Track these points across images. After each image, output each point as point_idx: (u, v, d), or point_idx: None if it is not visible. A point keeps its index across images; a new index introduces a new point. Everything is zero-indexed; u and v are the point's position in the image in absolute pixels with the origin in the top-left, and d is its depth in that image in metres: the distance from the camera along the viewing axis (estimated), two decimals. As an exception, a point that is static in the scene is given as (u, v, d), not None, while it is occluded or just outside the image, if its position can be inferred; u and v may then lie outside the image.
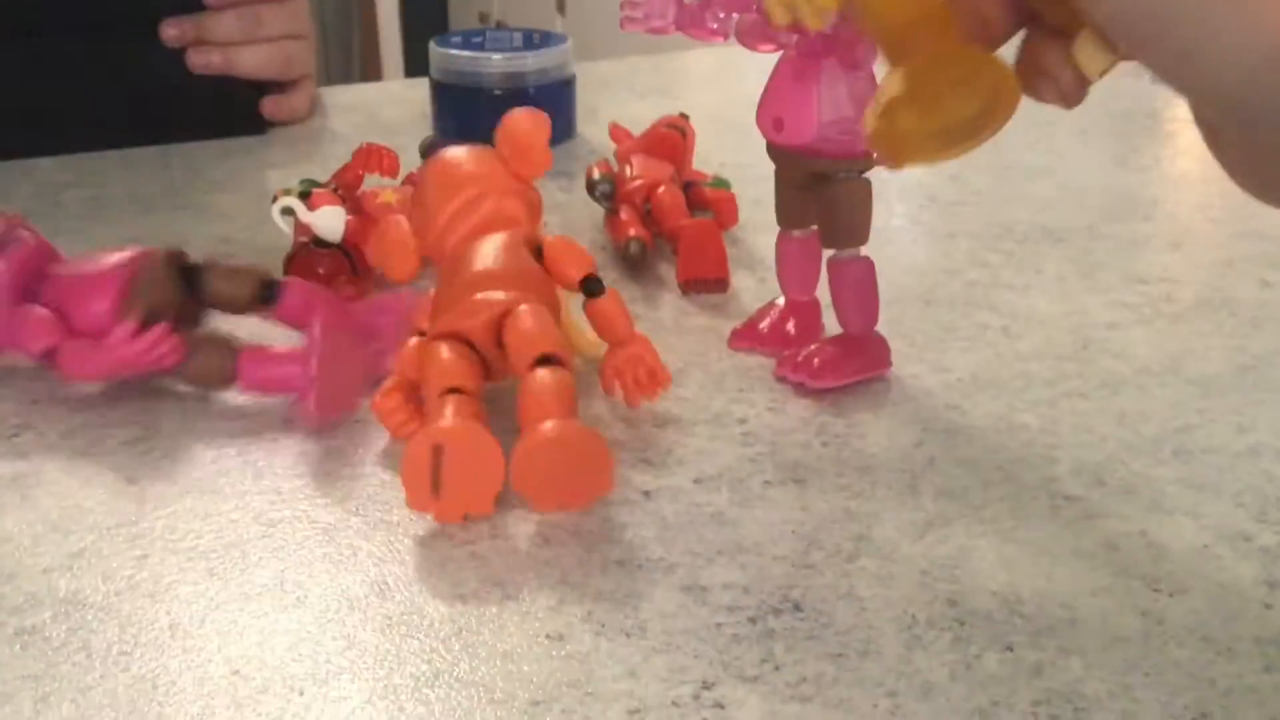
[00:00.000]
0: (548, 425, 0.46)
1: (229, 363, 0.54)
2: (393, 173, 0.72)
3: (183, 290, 0.56)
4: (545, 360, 0.49)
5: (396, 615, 0.41)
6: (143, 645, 0.40)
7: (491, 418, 0.48)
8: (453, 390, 0.48)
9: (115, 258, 0.55)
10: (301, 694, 0.38)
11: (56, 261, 0.58)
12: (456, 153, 0.57)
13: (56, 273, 0.56)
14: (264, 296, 0.56)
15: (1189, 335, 0.61)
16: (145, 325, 0.54)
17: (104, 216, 0.80)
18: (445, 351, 0.50)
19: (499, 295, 0.51)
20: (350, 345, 0.54)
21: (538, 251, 0.54)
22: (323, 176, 0.73)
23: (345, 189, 0.70)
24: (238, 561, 0.44)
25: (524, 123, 0.57)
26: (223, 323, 0.58)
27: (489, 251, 0.53)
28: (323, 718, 0.37)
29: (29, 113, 0.91)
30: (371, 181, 0.72)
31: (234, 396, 0.55)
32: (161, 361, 0.53)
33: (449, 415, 0.46)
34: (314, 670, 0.39)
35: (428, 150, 0.70)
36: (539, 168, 0.57)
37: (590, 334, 0.55)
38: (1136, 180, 0.84)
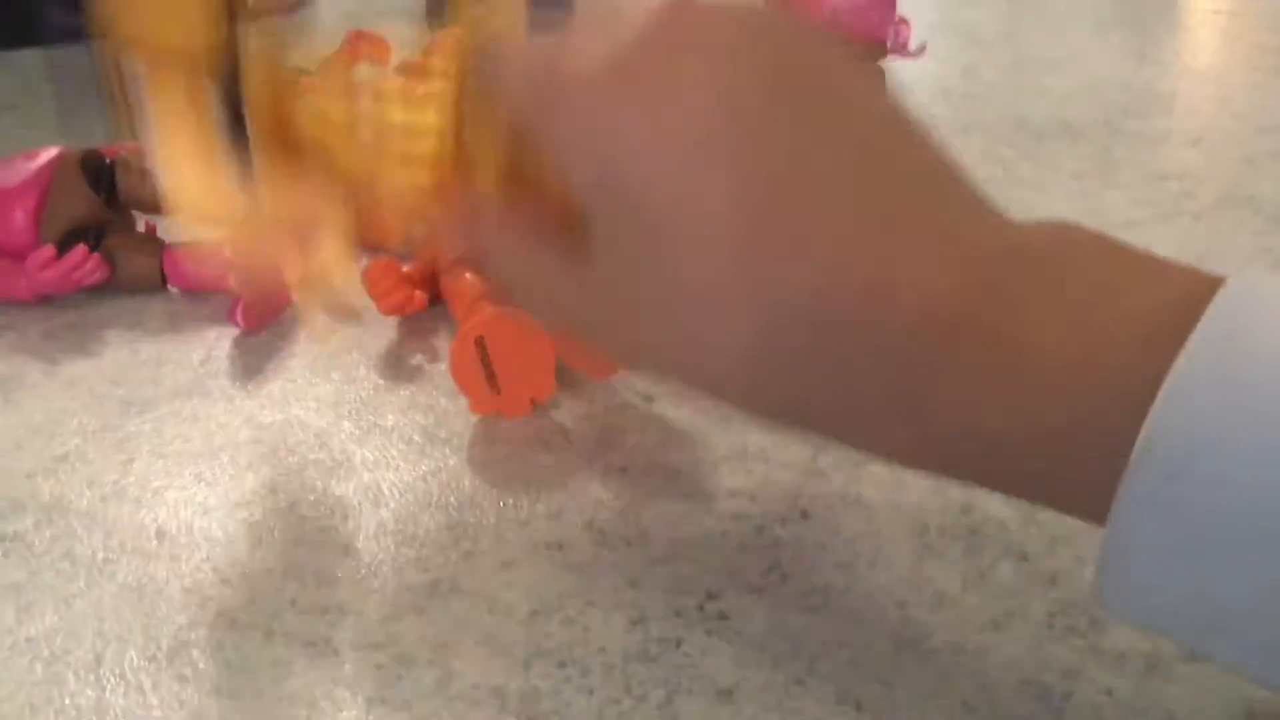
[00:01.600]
0: None
1: (155, 265, 0.53)
2: (385, 61, 0.69)
3: (102, 196, 0.54)
4: None
5: (391, 524, 0.40)
6: (128, 553, 0.39)
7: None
8: (474, 302, 0.47)
9: (29, 167, 0.53)
10: (294, 604, 0.37)
11: None
12: None
13: None
14: None
15: (1212, 234, 0.59)
16: (67, 241, 0.52)
17: (84, 111, 0.77)
18: (461, 274, 0.49)
19: None
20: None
21: None
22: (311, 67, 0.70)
23: (335, 80, 0.67)
24: (227, 466, 0.43)
25: None
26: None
27: None
28: (317, 627, 0.36)
29: (11, 4, 0.88)
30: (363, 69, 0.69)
31: (224, 298, 0.53)
32: (84, 281, 0.52)
33: (482, 310, 0.45)
34: (306, 579, 0.38)
35: None
36: None
37: None
38: (1155, 74, 0.82)
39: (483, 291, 0.48)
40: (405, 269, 0.50)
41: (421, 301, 0.50)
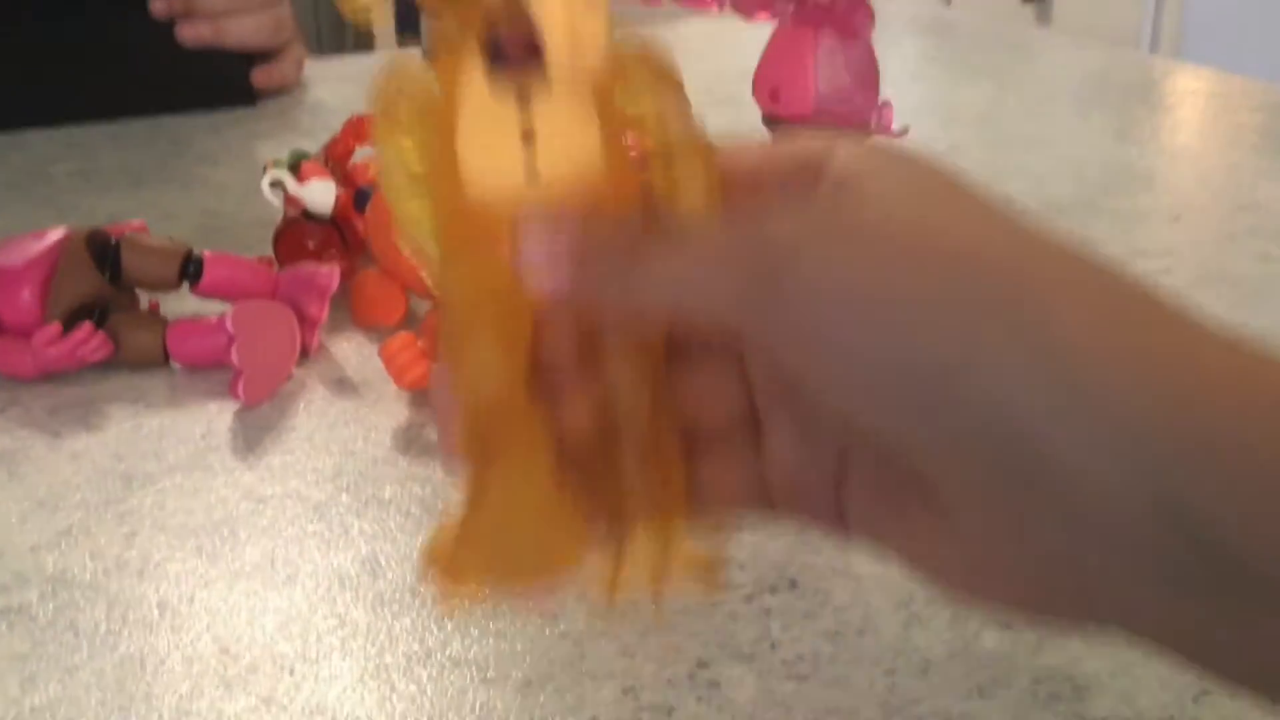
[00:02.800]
0: None
1: (158, 341, 0.55)
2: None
3: (106, 274, 0.55)
4: None
5: (388, 593, 0.41)
6: (131, 624, 0.40)
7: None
8: None
9: (37, 246, 0.55)
10: (292, 673, 0.37)
11: None
12: None
13: None
14: (188, 273, 0.56)
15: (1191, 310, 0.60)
16: (72, 318, 0.54)
17: (93, 190, 0.79)
18: None
19: None
20: (275, 321, 0.54)
21: None
22: (313, 149, 0.72)
23: (335, 161, 0.69)
24: (227, 539, 0.44)
25: None
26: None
27: None
28: (313, 697, 0.36)
29: (18, 85, 0.90)
30: (363, 154, 0.71)
31: (224, 373, 0.54)
32: (88, 358, 0.54)
33: None
34: (304, 649, 0.38)
35: None
36: None
37: None
38: (1135, 153, 0.84)
39: None
40: (420, 344, 0.51)
41: None
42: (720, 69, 1.04)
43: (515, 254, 0.27)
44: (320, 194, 0.62)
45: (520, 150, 0.28)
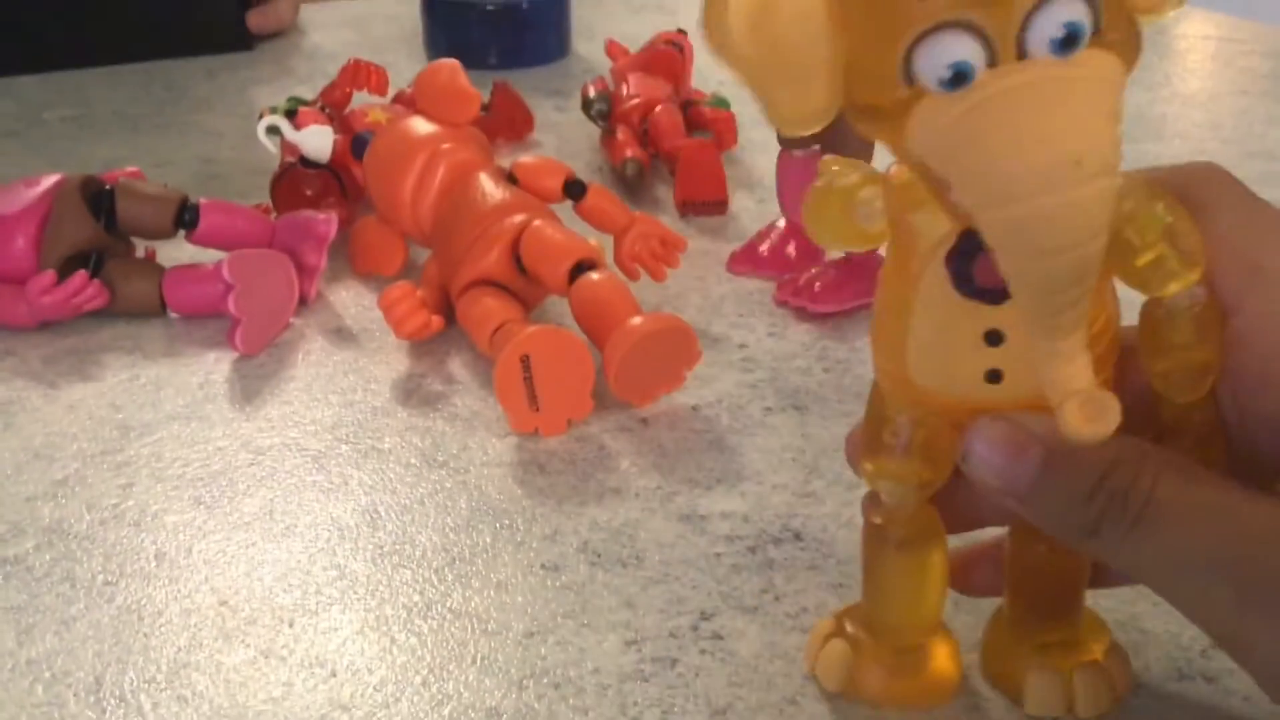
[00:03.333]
0: (637, 322, 0.46)
1: (154, 290, 0.54)
2: (381, 90, 0.70)
3: (101, 222, 0.54)
4: (580, 267, 0.48)
5: (388, 545, 0.40)
6: (128, 575, 0.39)
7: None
8: (502, 326, 0.48)
9: (31, 193, 0.54)
10: (291, 625, 0.37)
11: None
12: (387, 135, 0.56)
13: None
14: (183, 221, 0.55)
15: (1199, 258, 0.60)
16: (67, 267, 0.53)
17: (88, 136, 0.78)
18: (479, 298, 0.49)
19: (501, 225, 0.50)
20: (272, 269, 0.53)
21: (511, 179, 0.54)
22: (310, 95, 0.71)
23: (333, 107, 0.68)
24: (225, 490, 0.43)
25: (439, 76, 0.57)
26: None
27: (469, 198, 0.52)
28: (313, 649, 0.36)
29: (10, 29, 0.89)
30: (360, 99, 0.70)
31: (222, 322, 0.54)
32: (84, 307, 0.53)
33: (523, 329, 0.45)
34: (303, 601, 0.38)
35: None
36: (469, 110, 0.57)
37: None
38: (1146, 99, 0.82)
39: (515, 314, 0.48)
40: (419, 293, 0.51)
41: (439, 325, 0.51)
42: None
43: (967, 443, 0.27)
44: (317, 140, 0.61)
45: (985, 387, 0.27)
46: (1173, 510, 0.26)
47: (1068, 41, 0.23)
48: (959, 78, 0.24)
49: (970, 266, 0.26)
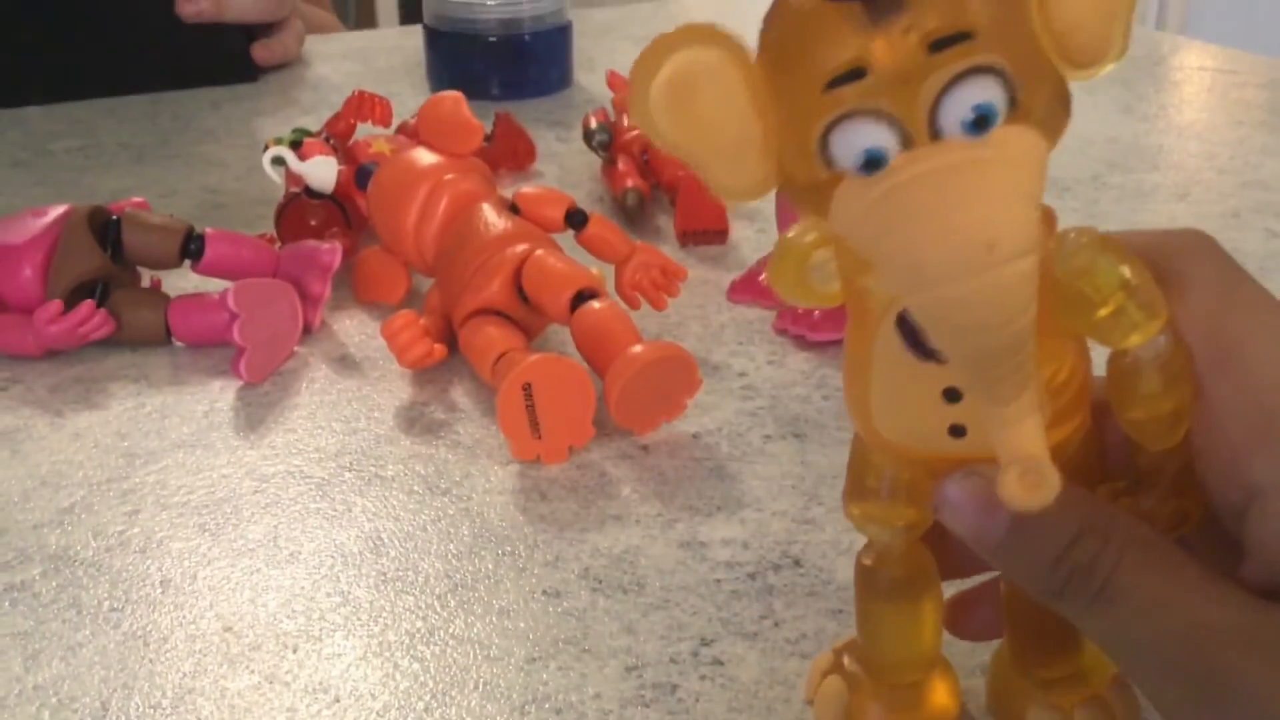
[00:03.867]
0: (638, 350, 0.46)
1: (160, 319, 0.54)
2: (385, 121, 0.71)
3: (108, 252, 0.55)
4: (582, 296, 0.49)
5: (391, 571, 0.41)
6: (134, 602, 0.40)
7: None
8: (504, 355, 0.48)
9: (38, 224, 0.54)
10: (295, 651, 0.37)
11: None
12: (391, 166, 0.57)
13: None
14: (189, 250, 0.56)
15: (1195, 287, 0.60)
16: (74, 296, 0.53)
17: (94, 167, 0.79)
18: (482, 327, 0.50)
19: (503, 255, 0.51)
20: (277, 298, 0.54)
21: (513, 209, 0.54)
22: (314, 126, 0.72)
23: (337, 138, 0.69)
24: (230, 517, 0.44)
25: (442, 107, 0.58)
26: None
27: (471, 227, 0.53)
28: (316, 675, 0.36)
29: (17, 61, 0.89)
30: (364, 131, 0.71)
31: (226, 351, 0.54)
32: (90, 335, 0.53)
33: (525, 357, 0.46)
34: (307, 627, 0.38)
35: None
36: (471, 141, 0.57)
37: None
38: (1142, 129, 0.83)
39: (517, 342, 0.49)
40: (422, 322, 0.51)
41: (442, 354, 0.51)
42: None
43: (940, 493, 0.27)
44: (322, 171, 0.62)
45: (949, 441, 0.27)
46: (1132, 596, 0.26)
47: (979, 123, 0.23)
48: (872, 163, 0.24)
49: (916, 334, 0.26)
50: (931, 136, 0.23)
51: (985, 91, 0.23)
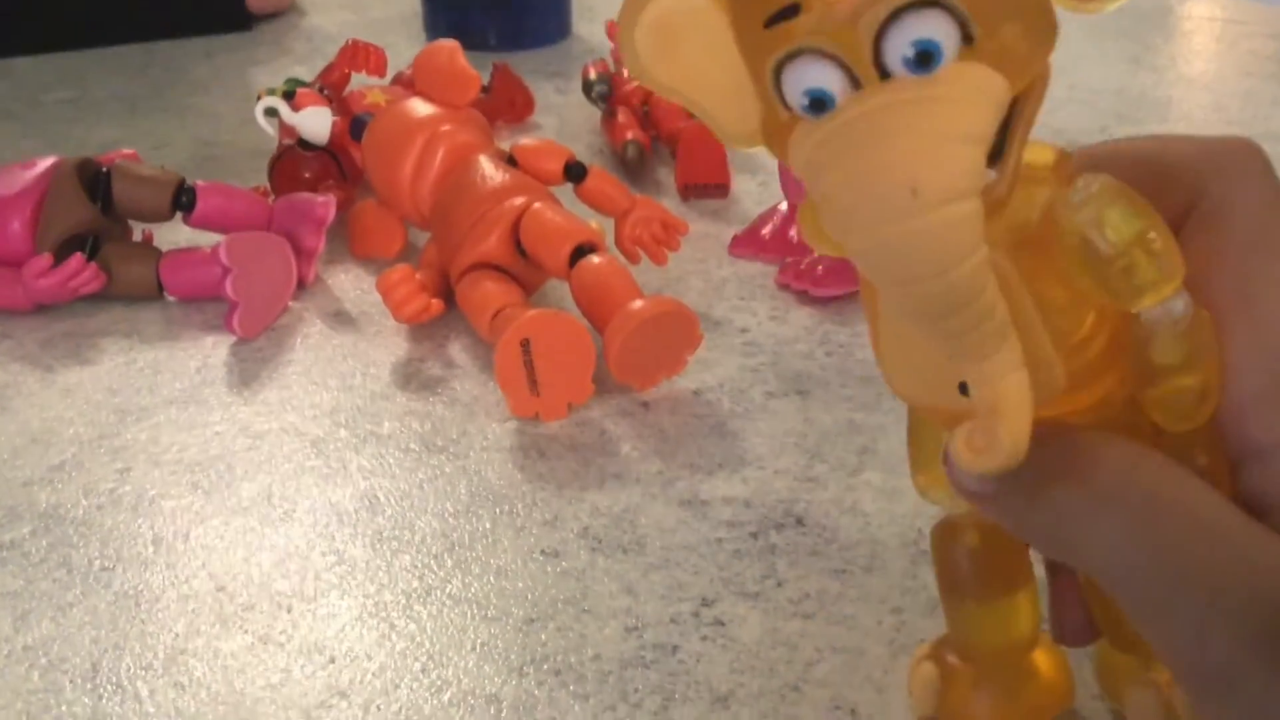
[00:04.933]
0: (638, 305, 0.45)
1: (151, 273, 0.53)
2: (380, 71, 0.69)
3: (98, 205, 0.54)
4: (581, 250, 0.48)
5: (387, 530, 0.40)
6: (125, 561, 0.39)
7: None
8: (502, 310, 0.47)
9: (27, 176, 0.53)
10: (289, 610, 0.37)
11: None
12: (386, 117, 0.55)
13: None
14: (181, 203, 0.55)
15: (1204, 241, 0.59)
16: (63, 249, 0.52)
17: (85, 119, 0.77)
18: (479, 282, 0.49)
19: (500, 208, 0.50)
20: (270, 252, 0.53)
21: (511, 162, 0.53)
22: (309, 76, 0.70)
23: (331, 89, 0.67)
24: (223, 475, 0.43)
25: (438, 57, 0.56)
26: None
27: (468, 180, 0.51)
28: (311, 635, 0.36)
29: (8, 10, 0.88)
30: (359, 81, 0.69)
31: (219, 306, 0.53)
32: (81, 290, 0.52)
33: (523, 312, 0.45)
34: (301, 586, 0.38)
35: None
36: (468, 92, 0.56)
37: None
38: (1151, 81, 0.82)
39: (515, 298, 0.48)
40: (419, 276, 0.50)
41: (438, 309, 0.50)
42: None
43: (948, 445, 0.25)
44: (315, 122, 0.60)
45: (954, 391, 0.25)
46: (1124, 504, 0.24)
47: (921, 59, 0.22)
48: (817, 104, 0.22)
49: None
50: (881, 77, 0.22)
51: (928, 27, 0.22)
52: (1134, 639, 0.30)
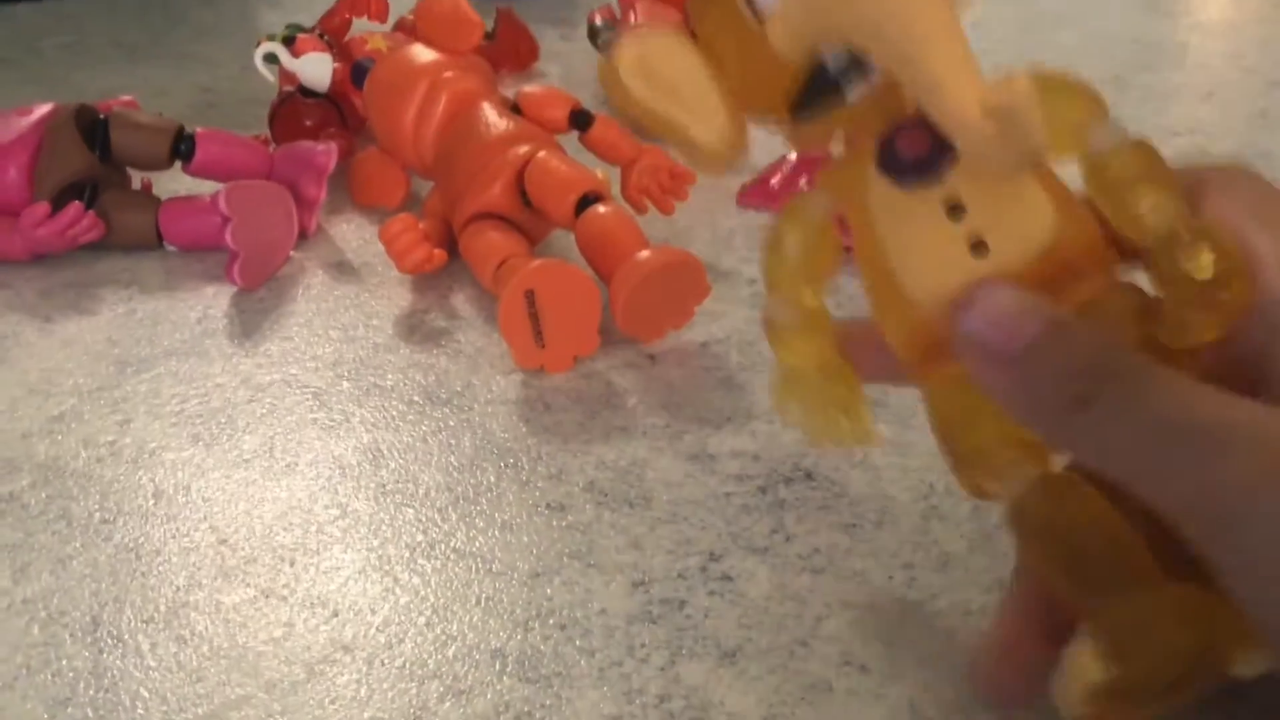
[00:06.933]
0: (645, 256, 0.44)
1: (150, 222, 0.53)
2: (382, 17, 0.68)
3: (96, 152, 0.53)
4: (586, 200, 0.47)
5: (390, 483, 0.40)
6: (125, 514, 0.39)
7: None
8: (506, 261, 0.46)
9: (23, 122, 0.52)
10: (291, 564, 0.36)
11: None
12: (388, 64, 0.54)
13: None
14: (180, 151, 0.54)
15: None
16: (62, 198, 0.52)
17: (83, 64, 0.76)
18: (483, 232, 0.48)
19: (504, 157, 0.49)
20: (271, 201, 0.52)
21: (515, 109, 0.52)
22: (309, 22, 0.69)
23: (332, 34, 0.66)
24: (225, 427, 0.43)
25: (441, 2, 0.55)
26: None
27: (472, 128, 0.50)
28: (314, 589, 0.35)
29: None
30: (360, 26, 0.68)
31: (220, 256, 0.53)
32: (80, 239, 0.52)
33: (528, 263, 0.44)
34: (304, 540, 0.37)
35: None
36: (471, 38, 0.55)
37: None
38: (1166, 27, 0.80)
39: (520, 248, 0.47)
40: (422, 226, 0.49)
41: (442, 259, 0.49)
42: None
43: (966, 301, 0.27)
44: (316, 68, 0.59)
45: (972, 262, 0.27)
46: (1148, 401, 0.25)
47: None
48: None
49: (895, 153, 0.27)
50: None
51: None
52: None
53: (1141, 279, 0.28)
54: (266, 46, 0.60)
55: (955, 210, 0.27)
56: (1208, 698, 0.28)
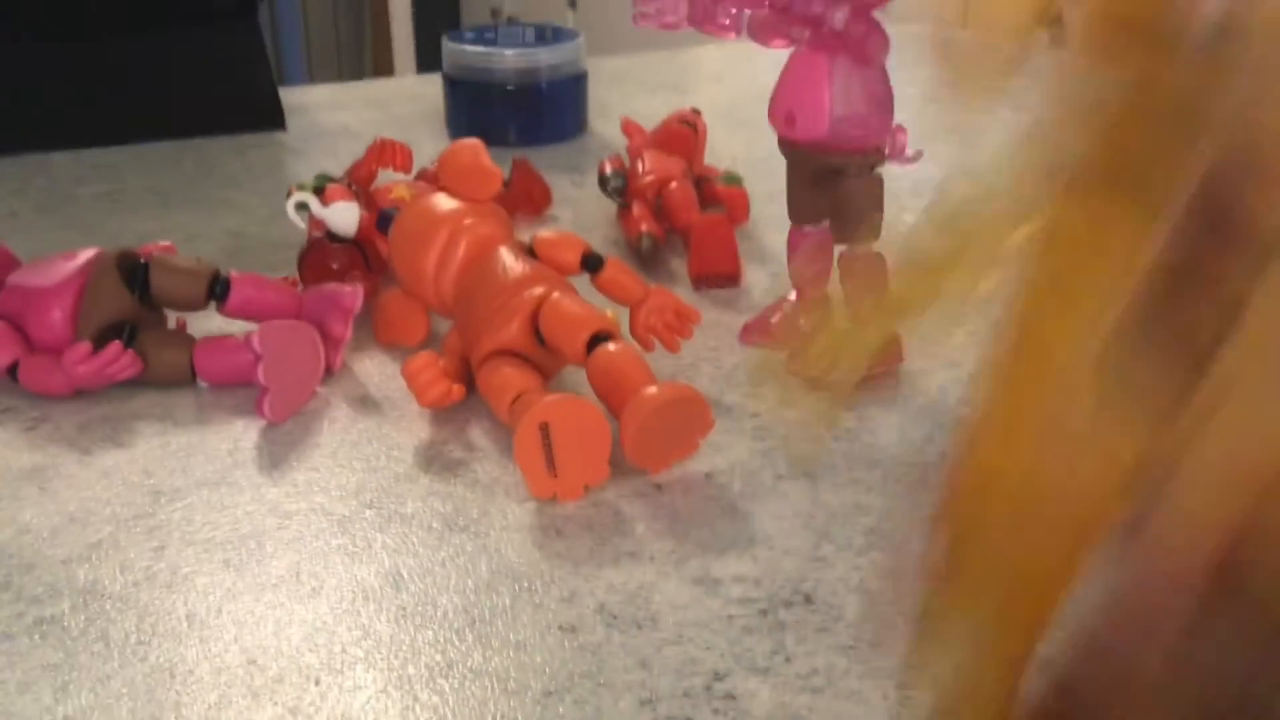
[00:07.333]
0: (652, 391, 0.47)
1: (186, 360, 0.56)
2: (406, 168, 0.72)
3: (136, 294, 0.56)
4: (597, 338, 0.50)
5: (410, 606, 0.42)
6: (160, 635, 0.41)
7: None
8: (521, 395, 0.49)
9: (68, 266, 0.56)
10: (317, 683, 0.38)
11: (13, 269, 0.58)
12: (412, 211, 0.58)
13: (13, 283, 0.57)
14: (215, 293, 0.57)
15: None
16: (102, 337, 0.55)
17: (119, 210, 0.80)
18: (499, 368, 0.51)
19: (520, 298, 0.52)
20: (300, 340, 0.55)
21: (530, 253, 0.56)
22: (337, 171, 0.73)
23: (359, 184, 0.70)
24: (254, 552, 0.45)
25: (462, 155, 0.59)
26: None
27: (490, 271, 0.54)
28: (338, 707, 0.37)
29: (43, 107, 0.91)
30: (386, 177, 0.72)
31: (250, 391, 0.55)
32: (118, 376, 0.55)
33: (542, 397, 0.47)
34: (329, 660, 0.39)
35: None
36: (491, 188, 0.59)
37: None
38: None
39: (534, 383, 0.50)
40: (441, 363, 0.52)
41: (460, 394, 0.52)
42: (737, 93, 1.06)
43: None
44: (344, 216, 0.63)
45: None
46: None
47: None
48: None
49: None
50: None
51: None
52: None
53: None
54: (298, 196, 0.63)
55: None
56: None
